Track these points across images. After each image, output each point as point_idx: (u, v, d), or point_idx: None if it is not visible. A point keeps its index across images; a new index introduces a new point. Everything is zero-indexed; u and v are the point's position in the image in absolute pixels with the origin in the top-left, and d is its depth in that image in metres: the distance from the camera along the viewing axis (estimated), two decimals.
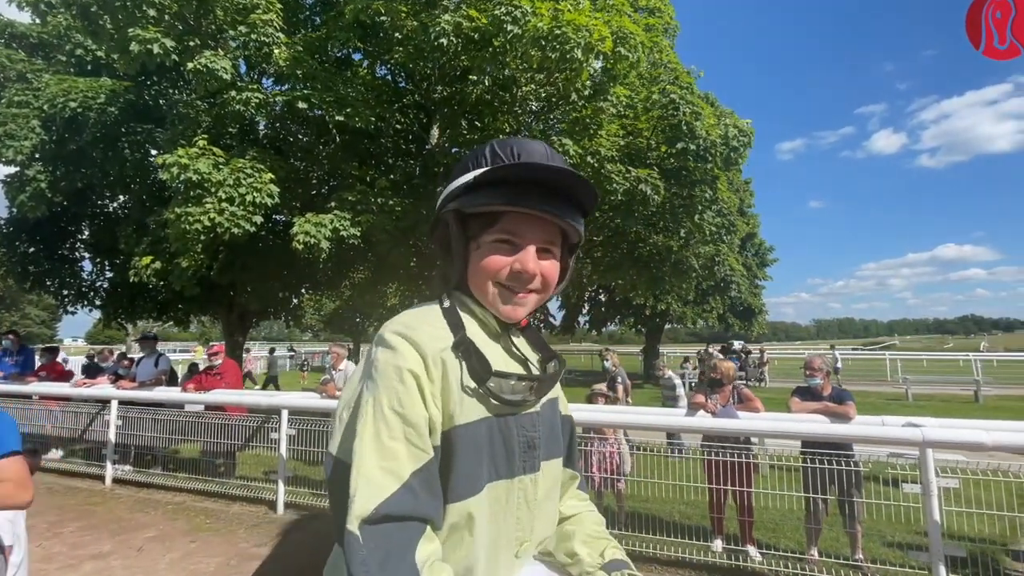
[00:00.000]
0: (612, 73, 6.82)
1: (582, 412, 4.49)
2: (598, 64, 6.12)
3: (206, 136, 6.68)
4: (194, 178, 6.15)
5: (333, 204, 7.11)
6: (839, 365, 21.21)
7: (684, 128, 6.93)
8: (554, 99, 7.52)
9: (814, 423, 4.20)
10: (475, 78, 7.00)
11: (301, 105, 6.71)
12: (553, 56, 5.66)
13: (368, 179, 7.83)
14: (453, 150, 8.02)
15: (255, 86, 7.28)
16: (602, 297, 15.72)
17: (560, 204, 0.85)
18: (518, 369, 0.93)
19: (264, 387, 15.60)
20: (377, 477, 0.72)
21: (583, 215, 0.91)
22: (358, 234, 7.15)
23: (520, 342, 0.99)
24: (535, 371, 0.96)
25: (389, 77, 8.98)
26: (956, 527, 3.99)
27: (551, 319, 16.36)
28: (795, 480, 4.44)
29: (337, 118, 6.72)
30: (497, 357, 0.89)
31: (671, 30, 9.65)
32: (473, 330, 0.89)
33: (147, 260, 7.40)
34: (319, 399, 5.98)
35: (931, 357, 30.16)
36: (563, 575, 0.97)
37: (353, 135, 7.86)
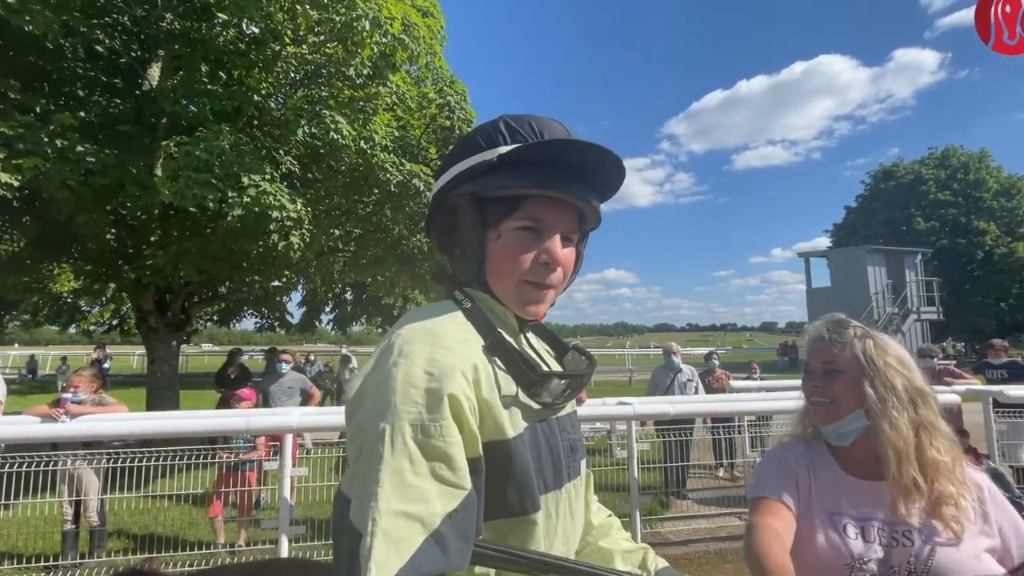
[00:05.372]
0: (391, 60, 6.55)
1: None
2: (385, 40, 5.72)
3: None
4: None
5: None
6: None
7: (457, 133, 7.17)
8: (323, 70, 6.76)
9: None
10: (226, 18, 5.72)
11: None
12: (337, 19, 5.06)
13: (39, 110, 5.48)
14: (184, 100, 6.31)
15: None
16: (348, 295, 14.91)
17: (586, 186, 0.76)
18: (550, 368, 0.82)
19: None
20: (398, 528, 0.56)
21: (603, 199, 0.81)
22: (15, 184, 4.93)
23: (533, 339, 0.87)
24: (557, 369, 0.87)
25: None
26: (647, 480, 5.20)
27: (288, 316, 14.65)
28: None
29: None
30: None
31: (440, 39, 9.89)
32: (500, 331, 0.76)
33: None
34: None
35: (600, 352, 39.86)
36: None
37: (14, 44, 5.39)
